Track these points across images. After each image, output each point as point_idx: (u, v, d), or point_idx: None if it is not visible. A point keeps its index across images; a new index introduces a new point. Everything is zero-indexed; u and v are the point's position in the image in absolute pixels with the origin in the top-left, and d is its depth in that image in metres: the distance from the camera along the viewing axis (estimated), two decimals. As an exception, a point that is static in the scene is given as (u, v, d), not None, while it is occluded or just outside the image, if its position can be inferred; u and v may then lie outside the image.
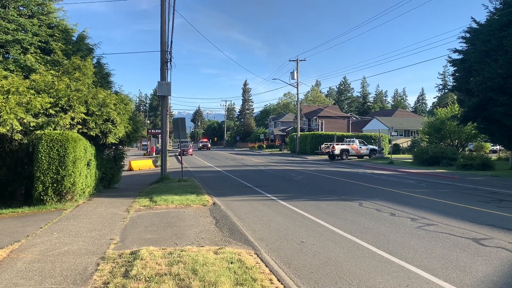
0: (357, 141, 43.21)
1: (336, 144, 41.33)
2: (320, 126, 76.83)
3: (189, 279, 5.38)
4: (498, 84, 22.34)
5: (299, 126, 58.75)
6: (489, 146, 46.89)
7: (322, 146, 44.28)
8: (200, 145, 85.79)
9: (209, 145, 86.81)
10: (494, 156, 38.03)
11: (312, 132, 63.76)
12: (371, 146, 43.70)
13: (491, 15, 24.67)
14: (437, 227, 9.26)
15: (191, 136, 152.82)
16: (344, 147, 41.24)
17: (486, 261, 6.71)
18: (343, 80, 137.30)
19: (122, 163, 17.96)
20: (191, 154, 55.23)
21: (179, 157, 25.89)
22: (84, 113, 13.10)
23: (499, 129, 24.95)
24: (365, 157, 42.20)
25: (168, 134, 28.29)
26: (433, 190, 16.62)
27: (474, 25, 25.66)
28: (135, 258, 6.35)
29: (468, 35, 25.88)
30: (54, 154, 11.24)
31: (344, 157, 40.55)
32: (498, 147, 45.11)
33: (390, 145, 43.90)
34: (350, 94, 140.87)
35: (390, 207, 12.04)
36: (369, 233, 8.72)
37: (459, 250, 7.34)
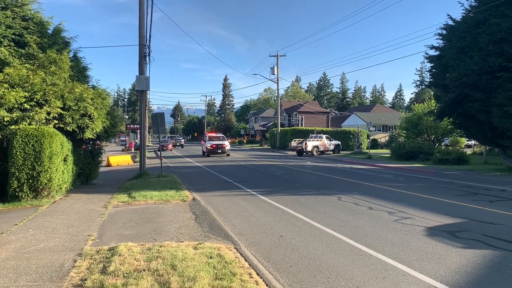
0: (324, 136, 43.64)
1: (308, 141, 41.59)
2: (300, 121, 77.25)
3: (168, 274, 5.36)
4: (473, 80, 22.82)
5: (279, 121, 58.95)
6: (464, 141, 47.96)
7: (292, 142, 44.55)
8: (209, 145, 38.49)
9: (227, 145, 39.34)
10: (469, 151, 38.96)
11: (292, 127, 64.03)
12: (335, 142, 44.16)
13: (466, 13, 25.16)
14: (413, 220, 9.44)
15: (170, 131, 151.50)
16: (315, 143, 41.59)
17: (460, 252, 6.88)
18: (322, 76, 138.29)
19: (100, 159, 17.71)
20: (171, 150, 54.84)
21: (158, 152, 25.63)
22: (60, 108, 12.84)
23: (473, 124, 25.53)
24: (328, 152, 42.61)
25: (147, 129, 28.03)
26: (410, 184, 16.92)
27: (450, 22, 26.13)
28: (113, 254, 6.29)
29: (444, 31, 26.34)
30: (30, 149, 10.99)
31: (315, 153, 40.85)
32: (473, 142, 46.24)
33: (368, 140, 44.50)
34: (329, 89, 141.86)
35: (368, 201, 12.21)
36: (347, 227, 8.83)
37: (435, 243, 7.50)
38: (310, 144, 40.80)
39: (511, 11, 20.78)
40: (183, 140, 75.92)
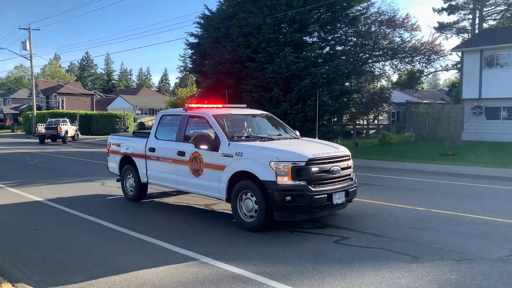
0: (68, 121, 40.37)
1: (62, 125, 37.89)
2: (60, 103, 71.01)
3: None
4: (227, 68, 25.28)
5: (35, 103, 52.74)
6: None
7: (39, 126, 39.44)
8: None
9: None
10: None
11: (52, 110, 58.46)
12: (75, 127, 41.72)
13: (220, 5, 27.51)
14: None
15: None
16: (69, 127, 38.34)
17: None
18: (85, 55, 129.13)
19: None
20: None
21: None
22: None
23: (228, 108, 28.45)
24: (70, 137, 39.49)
25: None
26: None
27: (207, 12, 28.12)
28: None
29: (202, 21, 28.17)
30: None
31: (70, 138, 37.84)
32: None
33: (135, 124, 44.50)
34: (93, 70, 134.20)
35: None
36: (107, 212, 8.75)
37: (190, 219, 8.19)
38: (64, 129, 37.27)
39: (256, 8, 23.82)
40: None
